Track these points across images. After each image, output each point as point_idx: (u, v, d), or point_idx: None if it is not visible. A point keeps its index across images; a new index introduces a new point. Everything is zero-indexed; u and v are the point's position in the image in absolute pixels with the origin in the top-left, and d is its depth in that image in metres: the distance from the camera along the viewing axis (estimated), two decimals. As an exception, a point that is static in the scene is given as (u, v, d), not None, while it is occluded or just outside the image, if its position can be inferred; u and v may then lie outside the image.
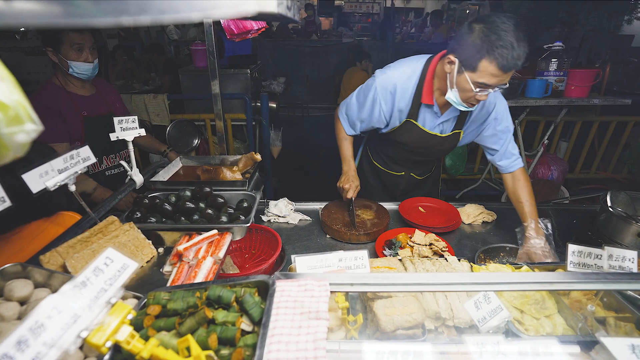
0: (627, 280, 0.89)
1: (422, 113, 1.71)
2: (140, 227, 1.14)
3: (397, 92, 1.65)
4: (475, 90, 1.39)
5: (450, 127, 1.77)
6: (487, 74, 1.32)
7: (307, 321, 0.71)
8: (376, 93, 1.68)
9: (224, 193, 1.39)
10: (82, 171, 1.05)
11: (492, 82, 1.34)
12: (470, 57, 1.33)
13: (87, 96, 1.96)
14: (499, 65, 1.27)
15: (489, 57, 1.27)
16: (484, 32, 1.27)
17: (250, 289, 0.84)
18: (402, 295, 1.09)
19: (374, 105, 1.72)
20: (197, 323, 0.72)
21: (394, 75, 1.66)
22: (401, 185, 2.12)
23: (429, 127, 1.76)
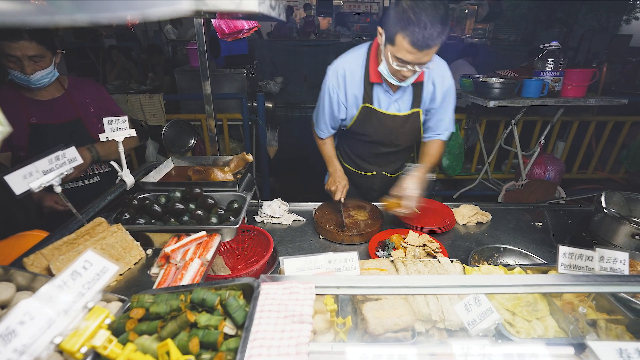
0: (617, 283, 0.88)
1: (375, 95, 1.76)
2: (128, 228, 1.13)
3: (347, 75, 1.71)
4: (393, 64, 1.46)
5: (407, 106, 1.80)
6: (402, 49, 1.37)
7: (290, 325, 0.70)
8: (330, 84, 1.75)
9: (214, 194, 1.38)
10: (68, 172, 1.04)
11: (408, 59, 1.39)
12: (390, 30, 1.39)
13: (45, 100, 1.77)
14: (410, 42, 1.33)
15: (402, 32, 1.33)
16: (403, 8, 1.32)
17: (235, 292, 0.83)
18: (392, 297, 1.08)
19: (332, 97, 1.77)
20: (178, 327, 0.71)
21: (341, 62, 1.73)
22: (375, 186, 2.12)
23: (385, 107, 1.79)
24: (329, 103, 1.79)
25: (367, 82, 1.71)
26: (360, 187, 2.20)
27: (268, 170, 4.04)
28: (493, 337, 1.07)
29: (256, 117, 3.78)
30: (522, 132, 3.79)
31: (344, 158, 2.14)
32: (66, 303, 0.57)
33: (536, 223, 1.94)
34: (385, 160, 2.06)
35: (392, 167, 2.11)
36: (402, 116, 1.80)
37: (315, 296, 0.93)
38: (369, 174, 2.10)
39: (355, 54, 1.73)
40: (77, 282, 0.61)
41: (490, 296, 1.20)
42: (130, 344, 0.59)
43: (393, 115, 1.79)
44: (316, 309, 1.04)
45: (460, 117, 3.74)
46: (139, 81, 5.27)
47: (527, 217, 2.01)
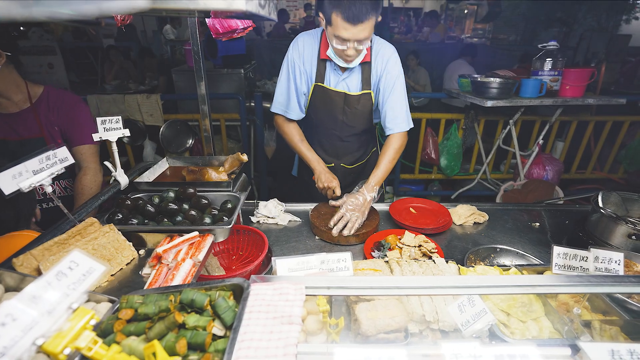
0: (611, 283, 0.88)
1: (327, 74, 1.83)
2: (120, 228, 1.12)
3: (305, 48, 1.80)
4: (334, 44, 1.57)
5: (356, 86, 1.85)
6: (338, 26, 1.48)
7: (279, 326, 0.69)
8: (292, 58, 1.81)
9: (208, 194, 1.38)
10: (58, 172, 1.03)
11: (346, 36, 1.49)
12: (326, 11, 1.50)
13: (9, 114, 1.61)
14: (344, 17, 1.43)
15: (335, 10, 1.44)
16: None
17: (225, 293, 0.82)
18: (385, 298, 1.08)
19: (295, 69, 1.82)
20: (166, 328, 0.70)
21: (300, 37, 1.84)
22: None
23: (334, 84, 1.85)
24: (293, 75, 1.84)
25: (319, 59, 1.80)
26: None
27: (266, 170, 4.03)
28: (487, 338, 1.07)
29: (254, 117, 3.78)
30: (521, 132, 3.78)
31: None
32: (50, 304, 0.57)
33: (533, 223, 1.93)
34: (343, 149, 2.09)
35: (349, 158, 2.14)
36: (353, 96, 1.86)
37: (308, 297, 0.93)
38: (328, 166, 2.09)
39: (312, 32, 1.84)
40: (62, 283, 0.60)
41: (485, 297, 1.20)
42: (115, 345, 0.59)
43: (344, 94, 1.85)
44: (309, 310, 1.03)
45: (459, 117, 3.74)
46: (138, 81, 5.26)
47: (524, 217, 2.00)
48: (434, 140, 3.72)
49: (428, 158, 3.77)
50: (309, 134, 2.07)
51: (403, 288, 0.84)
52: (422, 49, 6.53)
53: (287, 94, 1.89)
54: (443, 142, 3.71)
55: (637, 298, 1.16)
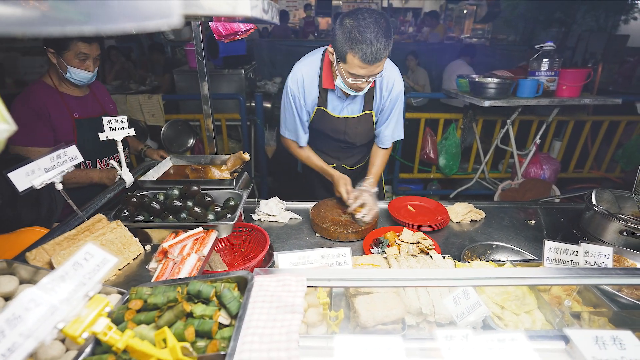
0: (598, 275, 0.92)
1: (329, 99, 1.84)
2: (127, 225, 1.16)
3: (305, 81, 1.78)
4: (348, 79, 1.54)
5: (359, 109, 1.89)
6: (354, 66, 1.46)
7: (282, 315, 0.73)
8: (292, 91, 1.80)
9: (211, 192, 1.42)
10: (69, 170, 1.07)
11: (361, 73, 1.48)
12: (340, 49, 1.48)
13: (80, 97, 1.93)
14: (360, 59, 1.42)
15: (351, 51, 1.42)
16: (348, 28, 1.41)
17: (229, 284, 0.86)
18: (383, 291, 1.12)
19: (296, 103, 1.83)
20: (175, 316, 0.74)
21: (298, 69, 1.80)
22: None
23: (338, 111, 1.87)
24: (295, 109, 1.85)
25: (321, 87, 1.80)
26: (323, 179, 2.23)
27: (266, 170, 4.07)
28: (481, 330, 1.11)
29: (254, 117, 3.81)
30: (519, 132, 3.82)
31: None
32: (68, 292, 0.60)
33: (529, 221, 1.97)
34: (344, 154, 2.14)
35: (351, 161, 2.19)
36: (354, 118, 1.90)
37: (309, 291, 0.97)
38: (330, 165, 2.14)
39: (310, 60, 1.81)
40: (79, 273, 0.64)
41: (480, 290, 1.24)
42: (128, 330, 0.63)
43: (345, 118, 1.88)
44: (310, 303, 1.07)
45: (457, 116, 3.78)
46: (138, 81, 5.30)
47: (520, 215, 2.04)
48: (433, 140, 3.76)
49: (427, 157, 3.81)
50: (314, 141, 2.10)
51: (400, 280, 0.88)
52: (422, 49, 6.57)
53: (294, 123, 1.92)
54: (442, 141, 3.75)
55: (626, 291, 1.20)
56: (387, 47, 1.44)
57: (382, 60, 1.49)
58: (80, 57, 1.76)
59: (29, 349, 0.52)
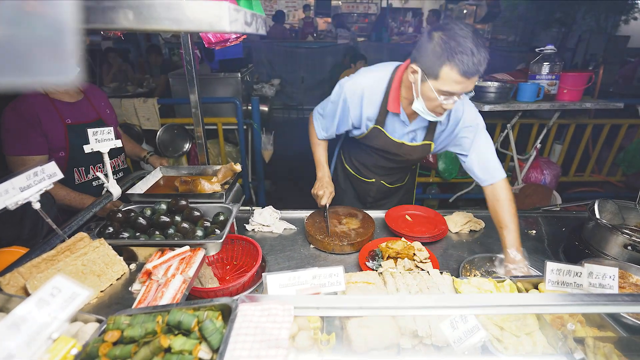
0: (604, 303, 0.86)
1: (389, 121, 1.71)
2: (111, 242, 1.11)
3: (365, 97, 1.64)
4: (440, 98, 1.37)
5: (420, 137, 1.76)
6: (449, 81, 1.31)
7: (265, 350, 0.68)
8: (347, 97, 1.67)
9: (201, 205, 1.37)
10: (48, 188, 1.02)
11: (456, 90, 1.33)
12: (431, 65, 1.32)
13: (73, 103, 1.87)
14: (460, 71, 1.27)
15: (449, 63, 1.27)
16: (442, 40, 1.27)
17: (213, 313, 0.81)
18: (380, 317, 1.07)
19: (344, 110, 1.71)
20: (151, 353, 0.69)
21: (362, 82, 1.65)
22: (371, 192, 2.11)
23: (398, 135, 1.75)
24: (341, 114, 1.73)
25: (383, 108, 1.65)
26: (357, 190, 2.20)
27: (263, 174, 4.02)
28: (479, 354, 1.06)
29: (251, 121, 3.76)
30: (519, 135, 3.77)
31: (346, 161, 2.12)
32: (28, 335, 0.55)
33: (529, 231, 1.92)
34: (386, 172, 2.06)
35: (391, 179, 2.11)
36: (413, 146, 1.77)
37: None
38: (368, 180, 2.09)
39: (379, 76, 1.64)
40: (43, 311, 0.59)
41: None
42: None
43: (402, 144, 1.76)
44: (300, 326, 1.02)
45: (456, 120, 3.73)
46: (136, 83, 5.25)
47: (520, 224, 1.98)
48: (432, 144, 3.71)
49: (426, 162, 3.76)
50: (357, 152, 2.03)
51: (393, 308, 0.83)
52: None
53: (324, 117, 1.85)
54: (441, 145, 3.70)
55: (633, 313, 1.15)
56: (486, 58, 1.29)
57: (478, 75, 1.33)
58: None
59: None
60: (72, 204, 1.69)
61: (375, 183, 2.09)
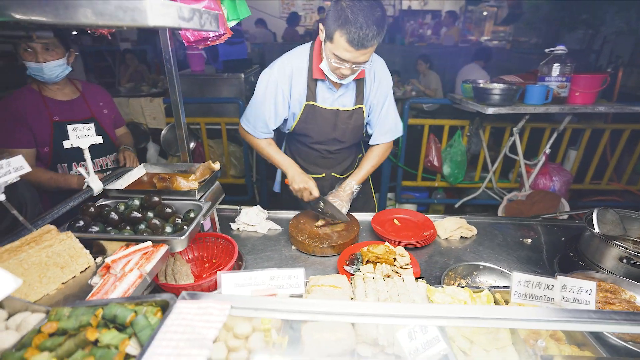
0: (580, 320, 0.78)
1: (319, 91, 1.76)
2: (79, 236, 1.13)
3: (294, 73, 1.71)
4: (332, 61, 1.51)
5: (351, 102, 1.82)
6: (339, 47, 1.42)
7: (188, 349, 0.66)
8: (276, 79, 1.71)
9: (175, 202, 1.37)
10: (15, 180, 1.05)
11: (345, 57, 1.44)
12: (329, 28, 1.44)
13: (65, 101, 1.94)
14: (347, 39, 1.38)
15: (340, 30, 1.38)
16: (342, 7, 1.37)
17: (152, 309, 0.80)
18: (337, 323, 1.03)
19: (277, 92, 1.74)
20: (76, 346, 0.69)
21: (287, 61, 1.73)
22: (325, 189, 2.05)
23: (329, 103, 1.79)
24: (274, 98, 1.75)
25: (310, 79, 1.73)
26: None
27: (266, 174, 4.03)
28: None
29: (255, 121, 3.78)
30: (530, 140, 3.62)
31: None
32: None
33: (525, 240, 1.82)
34: (332, 161, 2.05)
35: (340, 168, 2.10)
36: (346, 111, 1.82)
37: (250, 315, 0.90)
38: (319, 176, 2.07)
39: (299, 52, 1.75)
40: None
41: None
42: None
43: (337, 110, 1.81)
44: (255, 327, 1.00)
45: (463, 123, 3.62)
46: (150, 84, 5.40)
47: (517, 232, 1.90)
48: (437, 147, 3.61)
49: (430, 165, 3.66)
50: (298, 148, 2.05)
51: (337, 314, 0.80)
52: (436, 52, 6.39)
53: (256, 114, 1.82)
54: (446, 149, 3.60)
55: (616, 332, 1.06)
56: (377, 36, 1.39)
57: (369, 49, 1.44)
58: (26, 49, 1.72)
59: None
60: (58, 184, 1.78)
61: (327, 177, 2.08)
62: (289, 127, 1.91)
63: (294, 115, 1.83)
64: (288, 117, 1.85)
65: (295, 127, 1.87)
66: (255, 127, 1.85)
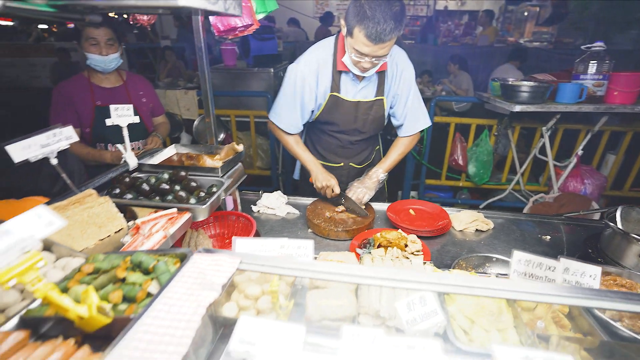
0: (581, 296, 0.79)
1: (343, 84, 1.81)
2: (115, 201, 1.27)
3: (320, 66, 1.78)
4: (352, 55, 1.58)
5: (372, 93, 1.87)
6: (358, 41, 1.48)
7: (199, 290, 0.75)
8: (303, 74, 1.78)
9: (200, 178, 1.49)
10: (65, 147, 1.20)
11: (364, 51, 1.50)
12: (349, 23, 1.50)
13: (109, 88, 2.15)
14: (365, 34, 1.44)
15: (358, 25, 1.44)
16: (360, 4, 1.43)
17: (172, 259, 0.91)
18: (339, 287, 1.09)
19: (305, 86, 1.80)
20: (108, 280, 0.80)
21: (312, 55, 1.80)
22: (342, 177, 2.10)
23: (352, 95, 1.84)
24: (302, 94, 1.82)
25: (335, 71, 1.78)
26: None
27: (291, 167, 4.14)
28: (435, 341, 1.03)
29: (282, 115, 3.91)
30: (564, 142, 3.46)
31: (312, 152, 2.12)
32: (6, 245, 0.69)
33: (544, 236, 1.78)
34: (351, 151, 2.09)
35: (358, 158, 2.14)
36: (367, 102, 1.87)
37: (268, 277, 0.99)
38: (336, 165, 2.12)
39: (324, 45, 1.82)
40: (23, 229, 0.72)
41: (451, 300, 1.15)
42: (50, 283, 0.69)
43: (358, 102, 1.85)
44: (264, 290, 1.08)
45: (491, 122, 3.53)
46: (186, 79, 5.70)
47: (536, 229, 1.86)
48: (463, 146, 3.55)
49: (455, 164, 3.60)
50: (319, 137, 2.11)
51: (339, 275, 0.86)
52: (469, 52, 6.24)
53: (291, 110, 1.88)
54: (472, 148, 3.53)
55: (627, 322, 1.04)
56: (394, 30, 1.44)
57: (387, 43, 1.48)
58: (92, 42, 1.95)
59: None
60: (94, 158, 2.03)
61: (345, 167, 2.13)
62: (312, 117, 1.98)
63: (319, 106, 1.90)
64: (314, 108, 1.93)
65: (318, 116, 1.94)
66: (284, 122, 1.92)
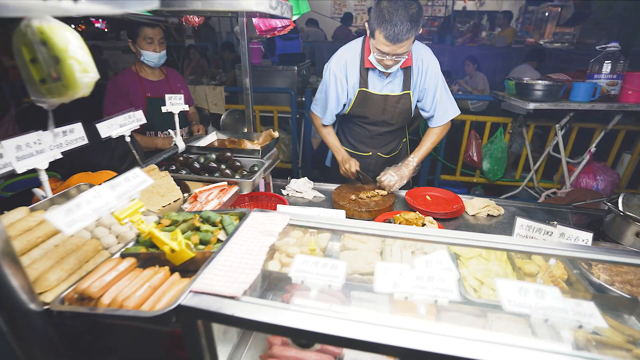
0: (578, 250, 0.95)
1: (370, 79, 1.98)
2: (173, 176, 1.49)
3: (348, 63, 1.96)
4: (375, 54, 1.74)
5: (399, 88, 2.02)
6: (379, 42, 1.65)
7: (261, 236, 0.96)
8: (335, 72, 1.97)
9: (243, 159, 1.71)
10: (135, 128, 1.43)
11: (385, 50, 1.67)
12: (372, 26, 1.66)
13: (155, 81, 2.42)
14: (385, 36, 1.60)
15: (379, 28, 1.61)
16: (380, 8, 1.59)
17: (233, 215, 1.12)
18: (367, 249, 1.28)
19: (337, 83, 1.99)
20: (187, 227, 1.01)
21: (341, 54, 1.99)
22: (370, 166, 2.28)
23: (378, 89, 2.00)
24: (335, 89, 2.02)
25: (362, 68, 1.96)
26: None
27: (311, 161, 4.35)
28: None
29: (303, 111, 4.12)
30: (578, 141, 3.55)
31: (342, 141, 2.33)
32: (119, 193, 0.90)
33: (551, 222, 1.91)
34: (380, 141, 2.26)
35: (386, 149, 2.31)
36: (394, 96, 2.03)
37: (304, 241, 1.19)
38: (365, 154, 2.30)
39: (352, 45, 2.01)
40: (127, 184, 0.94)
41: (462, 264, 1.32)
42: (152, 223, 0.91)
43: (385, 96, 2.02)
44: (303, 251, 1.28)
45: (505, 120, 3.64)
46: (209, 77, 5.99)
47: (544, 217, 1.99)
48: (478, 143, 3.67)
49: (470, 160, 3.73)
50: (350, 129, 2.31)
51: (370, 228, 1.05)
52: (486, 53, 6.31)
53: (326, 104, 2.11)
54: (487, 145, 3.65)
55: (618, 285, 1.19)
56: (410, 30, 1.59)
57: (405, 43, 1.63)
58: (148, 41, 2.22)
59: (93, 219, 0.82)
60: (146, 144, 2.31)
61: (373, 156, 2.30)
62: (344, 110, 2.18)
63: (350, 100, 2.10)
64: (346, 102, 2.13)
65: (350, 110, 2.14)
66: (323, 114, 2.17)
